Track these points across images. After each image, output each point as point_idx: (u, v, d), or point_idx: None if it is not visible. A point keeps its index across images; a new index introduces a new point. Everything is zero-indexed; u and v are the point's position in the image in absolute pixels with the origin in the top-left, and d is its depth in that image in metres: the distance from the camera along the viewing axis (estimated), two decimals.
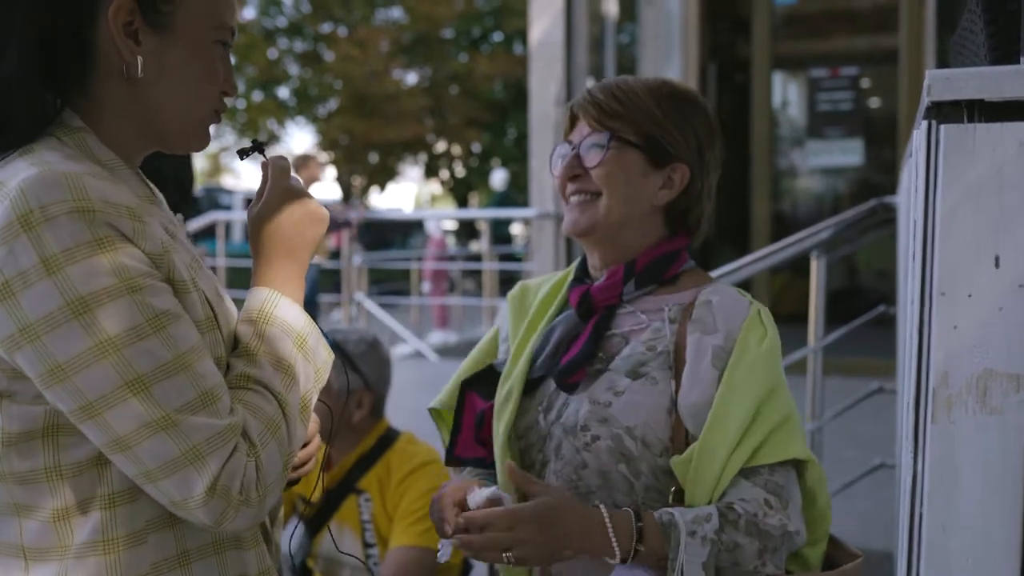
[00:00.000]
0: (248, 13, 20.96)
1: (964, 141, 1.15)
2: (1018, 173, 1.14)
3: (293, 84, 21.81)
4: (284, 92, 21.78)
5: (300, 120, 22.50)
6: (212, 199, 15.09)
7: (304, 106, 21.86)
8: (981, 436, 1.16)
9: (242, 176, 26.58)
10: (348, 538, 2.69)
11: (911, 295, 1.38)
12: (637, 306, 1.57)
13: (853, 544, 1.57)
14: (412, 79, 22.24)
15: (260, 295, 1.25)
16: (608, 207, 1.54)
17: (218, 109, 1.27)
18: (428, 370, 7.52)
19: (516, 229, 14.05)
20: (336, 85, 21.38)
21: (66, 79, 1.18)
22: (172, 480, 1.09)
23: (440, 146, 23.24)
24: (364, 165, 22.77)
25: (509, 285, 2.00)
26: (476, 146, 23.00)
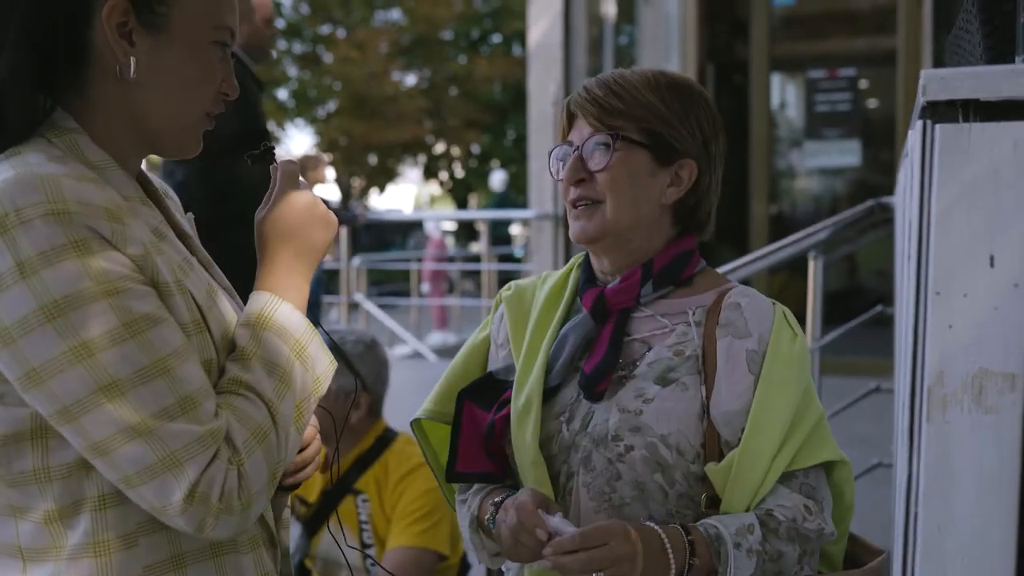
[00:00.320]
0: None
1: (959, 141, 1.15)
2: (1013, 173, 1.13)
3: (292, 86, 21.77)
4: (283, 94, 21.74)
5: (299, 122, 22.46)
6: None
7: (303, 108, 21.82)
8: (976, 435, 1.15)
9: None
10: (346, 539, 2.69)
11: (907, 295, 1.38)
12: (654, 309, 1.52)
13: None
14: (411, 81, 22.20)
15: (261, 299, 1.23)
16: (616, 212, 1.48)
17: (212, 112, 1.25)
18: (427, 371, 7.51)
19: (515, 230, 14.01)
20: (335, 87, 21.33)
21: (61, 79, 1.17)
22: (150, 486, 1.08)
23: (439, 147, 23.19)
24: (363, 167, 22.72)
25: None
26: (475, 147, 22.95)
